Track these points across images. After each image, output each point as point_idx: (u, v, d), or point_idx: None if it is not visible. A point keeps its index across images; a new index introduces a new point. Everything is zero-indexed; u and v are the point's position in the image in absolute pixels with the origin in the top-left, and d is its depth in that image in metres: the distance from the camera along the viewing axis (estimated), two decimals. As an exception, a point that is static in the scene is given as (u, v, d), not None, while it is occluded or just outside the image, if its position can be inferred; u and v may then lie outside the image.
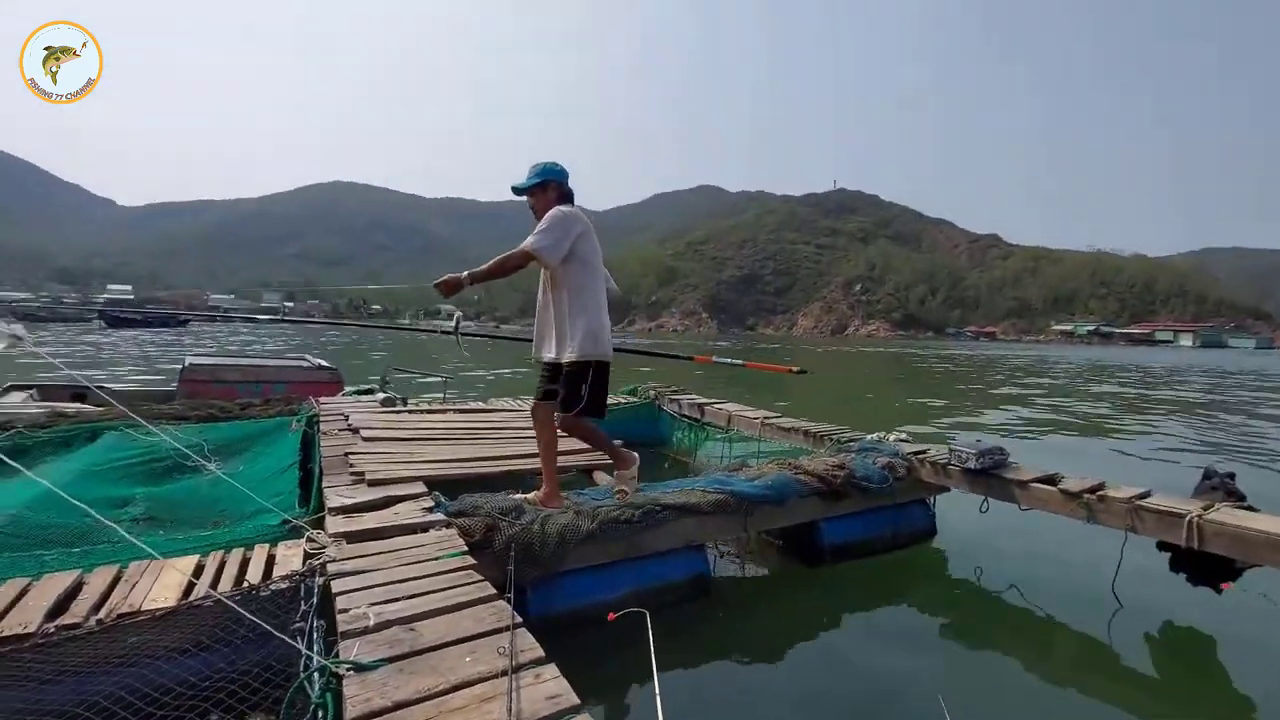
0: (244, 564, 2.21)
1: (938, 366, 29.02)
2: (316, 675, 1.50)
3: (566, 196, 3.09)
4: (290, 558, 2.24)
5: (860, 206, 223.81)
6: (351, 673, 1.49)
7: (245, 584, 2.01)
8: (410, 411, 5.32)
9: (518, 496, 3.02)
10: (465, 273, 2.81)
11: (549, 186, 3.06)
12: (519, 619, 1.76)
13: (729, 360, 6.37)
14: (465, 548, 2.37)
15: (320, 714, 1.44)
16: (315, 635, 1.74)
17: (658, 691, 1.48)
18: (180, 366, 6.77)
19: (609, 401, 6.35)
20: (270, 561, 2.22)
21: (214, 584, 2.02)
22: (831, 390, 17.01)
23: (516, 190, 3.10)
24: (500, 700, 1.40)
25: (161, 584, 2.01)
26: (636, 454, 3.34)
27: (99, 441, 3.86)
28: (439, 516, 2.67)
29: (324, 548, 2.31)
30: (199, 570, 2.14)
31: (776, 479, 3.48)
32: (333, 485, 3.13)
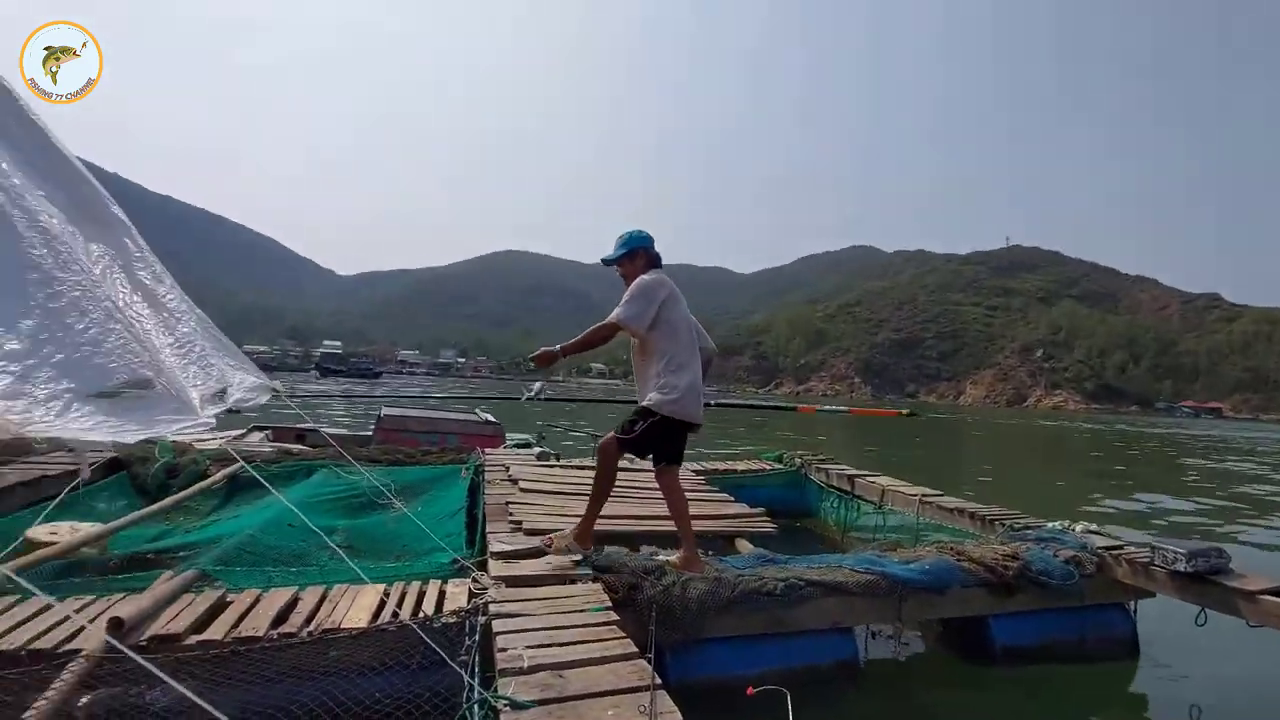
0: (420, 596, 2.48)
1: (1143, 445, 24.96)
2: (477, 707, 1.65)
3: (653, 262, 3.18)
4: (458, 595, 2.48)
5: (1039, 264, 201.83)
6: (508, 709, 1.62)
7: (421, 614, 2.27)
8: (563, 466, 5.64)
9: (660, 558, 3.07)
10: (559, 346, 3.00)
11: (637, 255, 3.17)
12: (659, 680, 1.81)
13: (832, 407, 6.26)
14: (610, 603, 2.47)
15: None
16: (476, 669, 1.91)
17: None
18: (377, 414, 7.81)
19: (753, 467, 6.27)
20: (441, 596, 2.47)
21: (395, 611, 2.30)
22: (1005, 468, 15.27)
23: (606, 262, 3.23)
24: (639, 758, 1.44)
25: (357, 607, 2.32)
26: (590, 546, 3.03)
27: (313, 477, 4.56)
28: (586, 570, 2.80)
29: (486, 589, 2.53)
30: (385, 597, 2.44)
31: (936, 564, 3.22)
32: (494, 531, 3.42)
